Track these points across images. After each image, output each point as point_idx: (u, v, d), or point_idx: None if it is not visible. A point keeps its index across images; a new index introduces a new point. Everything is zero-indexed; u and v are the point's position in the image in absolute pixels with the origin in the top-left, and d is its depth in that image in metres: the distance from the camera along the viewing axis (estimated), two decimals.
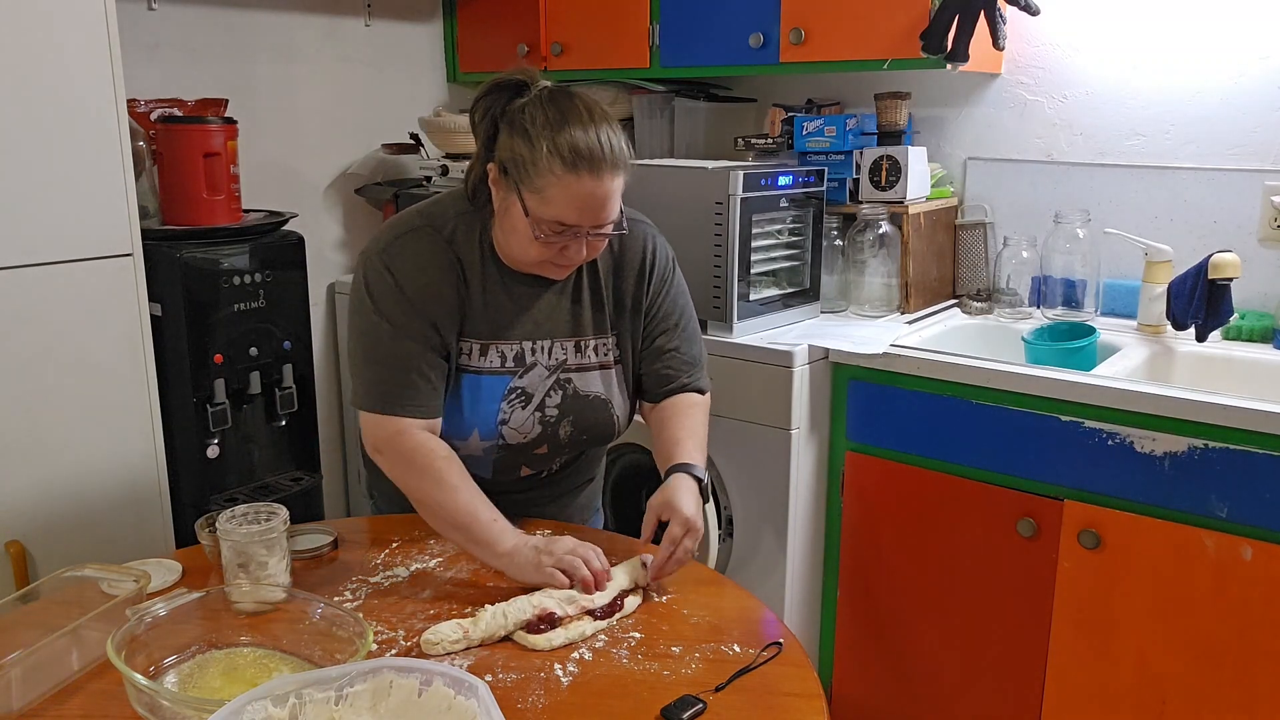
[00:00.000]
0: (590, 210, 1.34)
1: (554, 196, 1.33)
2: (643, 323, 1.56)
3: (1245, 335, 2.08)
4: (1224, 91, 2.17)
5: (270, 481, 2.37)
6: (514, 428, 1.49)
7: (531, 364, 1.49)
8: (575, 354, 1.52)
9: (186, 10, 2.48)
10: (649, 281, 1.54)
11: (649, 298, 1.55)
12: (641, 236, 1.54)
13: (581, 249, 1.39)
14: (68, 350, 1.84)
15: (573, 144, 1.31)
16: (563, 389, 1.51)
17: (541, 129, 1.32)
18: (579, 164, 1.31)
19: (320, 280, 2.82)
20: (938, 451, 1.98)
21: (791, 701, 1.15)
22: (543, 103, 1.35)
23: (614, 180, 1.35)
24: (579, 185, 1.32)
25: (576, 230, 1.36)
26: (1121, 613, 1.80)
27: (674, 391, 1.57)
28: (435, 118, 2.78)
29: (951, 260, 2.50)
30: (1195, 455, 1.69)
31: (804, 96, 2.68)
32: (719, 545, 2.18)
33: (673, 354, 1.56)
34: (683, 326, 1.58)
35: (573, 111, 1.34)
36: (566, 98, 1.36)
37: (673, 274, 1.58)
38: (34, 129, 1.75)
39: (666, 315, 1.56)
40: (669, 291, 1.57)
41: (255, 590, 1.26)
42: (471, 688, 0.97)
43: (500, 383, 1.48)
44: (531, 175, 1.33)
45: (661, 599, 1.37)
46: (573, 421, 1.53)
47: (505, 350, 1.48)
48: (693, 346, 1.59)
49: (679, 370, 1.57)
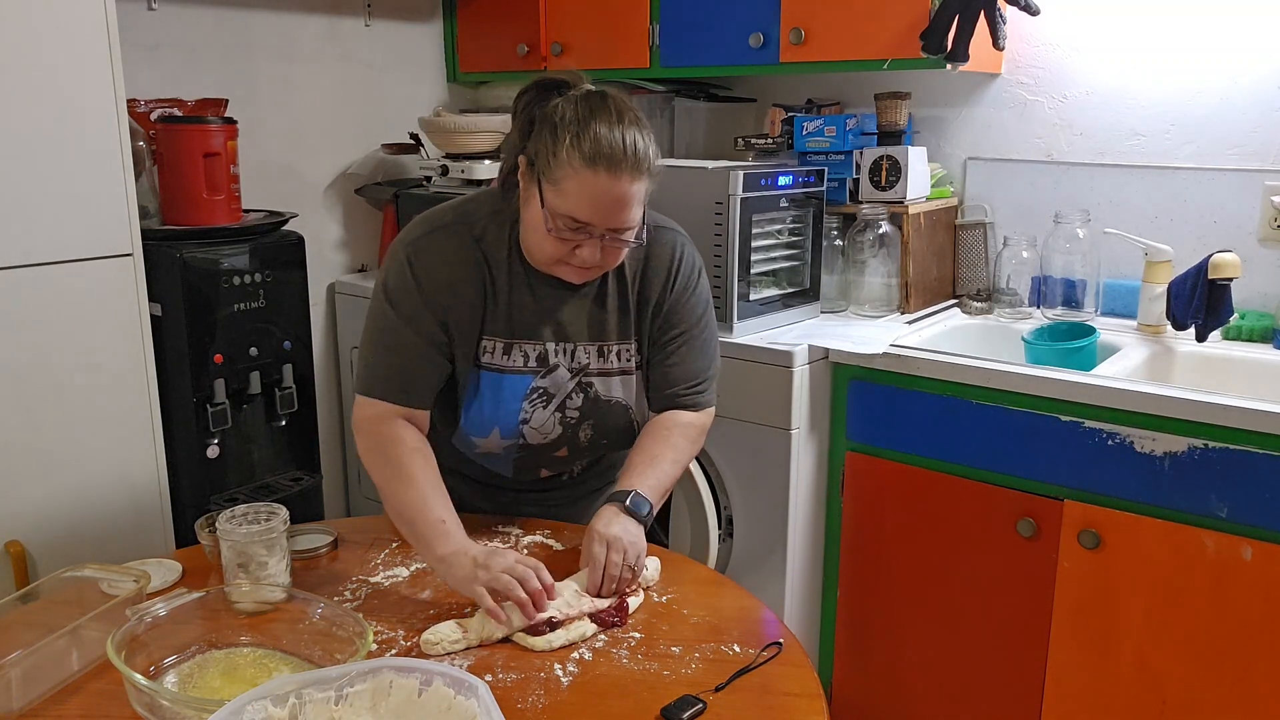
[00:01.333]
0: (603, 209, 1.33)
1: (569, 190, 1.32)
2: (658, 324, 1.53)
3: (1245, 335, 2.08)
4: (1224, 91, 2.17)
5: (270, 481, 2.37)
6: (535, 427, 1.49)
7: (554, 365, 1.49)
8: (598, 358, 1.51)
9: (186, 10, 2.48)
10: (673, 285, 1.51)
11: (669, 301, 1.52)
12: (671, 243, 1.52)
13: (596, 252, 1.37)
14: (68, 350, 1.84)
15: (594, 140, 1.30)
16: (584, 392, 1.51)
17: (568, 123, 1.32)
18: (598, 160, 1.30)
19: (320, 280, 2.82)
20: (938, 451, 1.97)
21: (791, 701, 1.15)
22: (576, 100, 1.35)
23: (633, 183, 1.33)
24: (595, 181, 1.31)
25: (590, 229, 1.34)
26: (1121, 613, 1.80)
27: (668, 401, 1.54)
28: (435, 118, 2.78)
29: (951, 260, 2.50)
30: (1195, 455, 1.69)
31: (804, 96, 2.68)
32: (719, 545, 2.18)
33: (676, 361, 1.53)
34: (694, 335, 1.53)
35: (602, 110, 1.33)
36: (600, 97, 1.36)
37: (696, 283, 1.54)
38: (34, 129, 1.74)
39: (678, 321, 1.53)
40: (688, 300, 1.53)
41: (255, 590, 1.26)
42: (471, 688, 0.97)
43: (523, 382, 1.48)
44: (552, 167, 1.33)
45: (661, 599, 1.37)
46: (593, 425, 1.52)
47: (529, 350, 1.48)
48: (699, 358, 1.54)
49: (677, 379, 1.53)
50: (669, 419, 1.53)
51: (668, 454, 1.48)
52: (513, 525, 1.58)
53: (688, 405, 1.54)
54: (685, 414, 1.54)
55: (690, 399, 1.54)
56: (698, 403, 1.55)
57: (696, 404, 1.55)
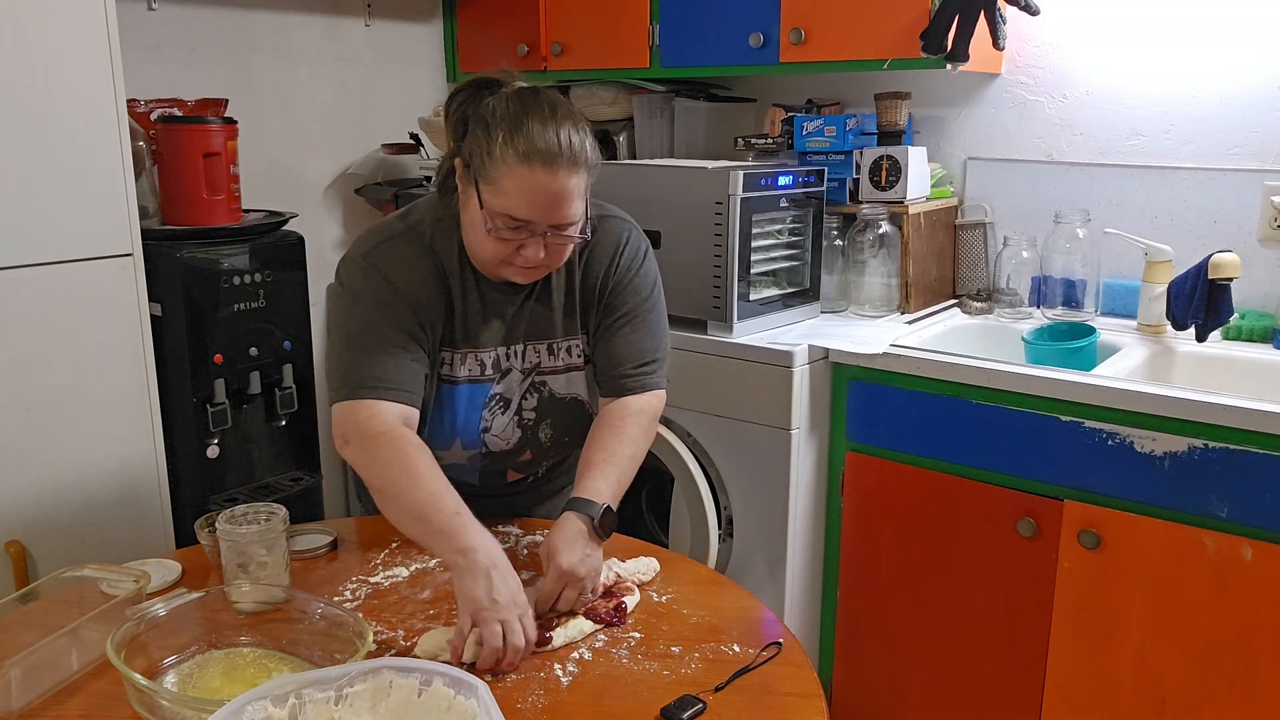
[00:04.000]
0: (542, 205, 1.31)
1: (507, 188, 1.30)
2: (601, 308, 1.50)
3: (1245, 335, 2.08)
4: (1224, 91, 2.17)
5: (270, 481, 2.37)
6: (496, 434, 1.48)
7: (507, 369, 1.48)
8: (549, 356, 1.50)
9: (186, 10, 2.48)
10: (615, 269, 1.49)
11: (611, 283, 1.49)
12: (617, 230, 1.50)
13: (539, 250, 1.35)
14: (68, 350, 1.84)
15: (529, 136, 1.29)
16: (538, 392, 1.50)
17: (500, 121, 1.31)
18: (533, 156, 1.28)
19: (320, 280, 2.79)
20: (938, 451, 1.97)
21: (791, 701, 1.15)
22: (508, 98, 1.34)
23: (570, 178, 1.31)
24: (531, 178, 1.29)
25: (531, 227, 1.33)
26: (1121, 613, 1.80)
27: (615, 382, 1.49)
28: (435, 118, 2.78)
29: (951, 260, 2.50)
30: (1195, 455, 1.69)
31: (804, 96, 2.68)
32: (719, 545, 2.18)
33: (620, 340, 1.49)
34: (639, 315, 1.50)
35: (535, 107, 1.32)
36: (533, 94, 1.35)
37: (641, 264, 1.51)
38: (34, 129, 1.74)
39: (622, 303, 1.49)
40: (632, 280, 1.50)
41: (255, 590, 1.26)
42: (471, 688, 0.97)
43: (481, 390, 1.47)
44: (487, 166, 1.31)
45: (661, 599, 1.37)
46: (551, 424, 1.52)
47: (483, 358, 1.47)
48: (646, 339, 1.50)
49: (622, 359, 1.49)
50: (619, 408, 1.48)
51: (624, 449, 1.43)
52: (512, 525, 1.58)
53: (634, 388, 1.49)
54: (635, 400, 1.49)
55: (638, 380, 1.49)
56: (645, 384, 1.50)
57: (644, 385, 1.50)
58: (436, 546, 1.29)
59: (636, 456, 1.45)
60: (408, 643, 1.24)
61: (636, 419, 1.47)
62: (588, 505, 1.35)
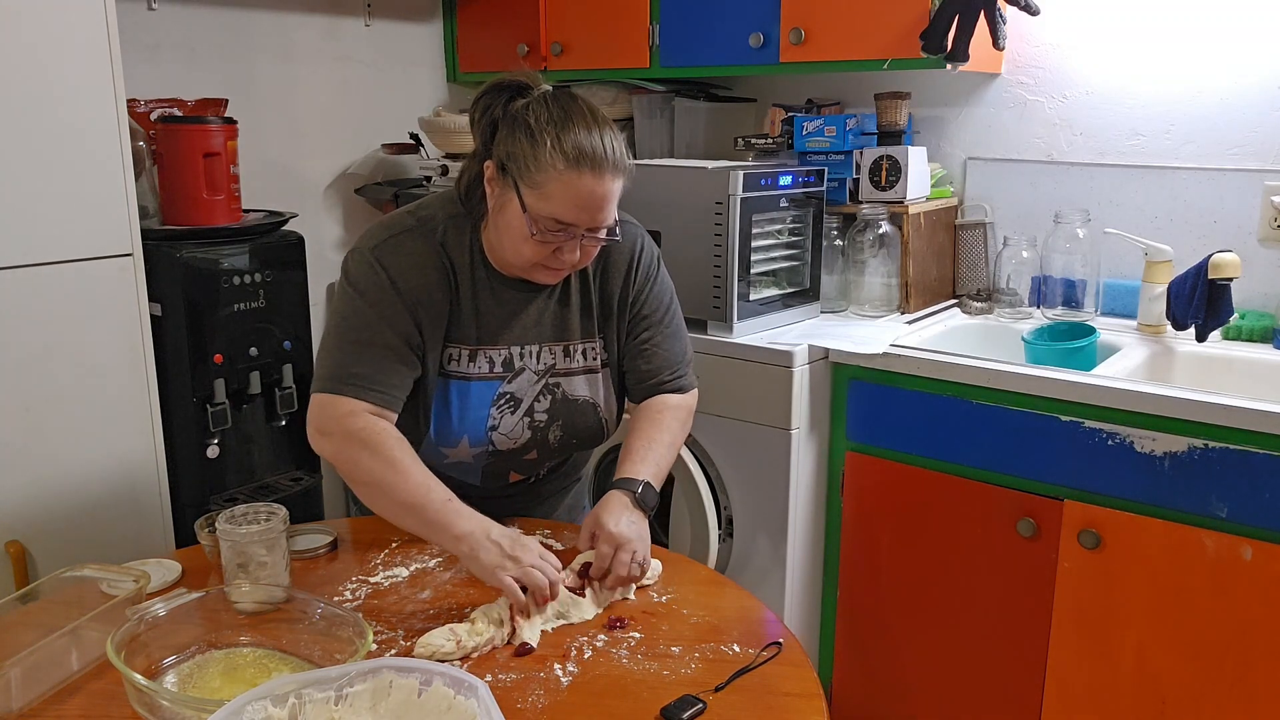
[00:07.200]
0: (588, 209, 1.34)
1: (554, 193, 1.32)
2: (626, 319, 1.54)
3: (1245, 335, 2.08)
4: (1224, 91, 2.17)
5: (270, 481, 2.37)
6: (504, 433, 1.49)
7: (520, 369, 1.49)
8: (564, 358, 1.51)
9: (186, 10, 2.48)
10: (634, 278, 1.53)
11: (633, 293, 1.53)
12: (630, 235, 1.53)
13: (575, 252, 1.38)
14: (68, 350, 1.84)
15: (576, 142, 1.31)
16: (551, 394, 1.51)
17: (546, 125, 1.33)
18: (581, 161, 1.31)
19: (320, 280, 2.82)
20: (937, 451, 1.98)
21: (791, 701, 1.15)
22: (547, 102, 1.36)
23: (614, 182, 1.35)
24: (580, 182, 1.32)
25: (573, 230, 1.35)
26: (1121, 613, 1.80)
27: (653, 390, 1.55)
28: (435, 118, 2.78)
29: (951, 260, 2.50)
30: (1195, 455, 1.69)
31: (804, 96, 2.68)
32: (719, 545, 2.18)
33: (653, 350, 1.55)
34: (665, 323, 1.56)
35: (577, 111, 1.35)
36: (570, 99, 1.37)
37: (658, 271, 1.57)
38: (34, 129, 1.75)
39: (651, 311, 1.55)
40: (653, 288, 1.55)
41: (255, 590, 1.26)
42: (471, 688, 0.97)
43: (489, 388, 1.47)
44: (532, 170, 1.33)
45: (661, 599, 1.37)
46: (562, 426, 1.52)
47: (494, 356, 1.47)
48: (675, 344, 1.57)
49: (658, 368, 1.55)
50: (658, 403, 1.54)
51: (664, 437, 1.50)
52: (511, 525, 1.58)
53: (672, 391, 1.56)
54: (673, 397, 1.56)
55: (674, 384, 1.56)
56: (681, 386, 1.57)
57: (681, 388, 1.57)
58: (432, 535, 1.34)
59: (674, 445, 1.52)
60: (408, 643, 1.24)
61: (675, 413, 1.54)
62: (628, 482, 1.42)
